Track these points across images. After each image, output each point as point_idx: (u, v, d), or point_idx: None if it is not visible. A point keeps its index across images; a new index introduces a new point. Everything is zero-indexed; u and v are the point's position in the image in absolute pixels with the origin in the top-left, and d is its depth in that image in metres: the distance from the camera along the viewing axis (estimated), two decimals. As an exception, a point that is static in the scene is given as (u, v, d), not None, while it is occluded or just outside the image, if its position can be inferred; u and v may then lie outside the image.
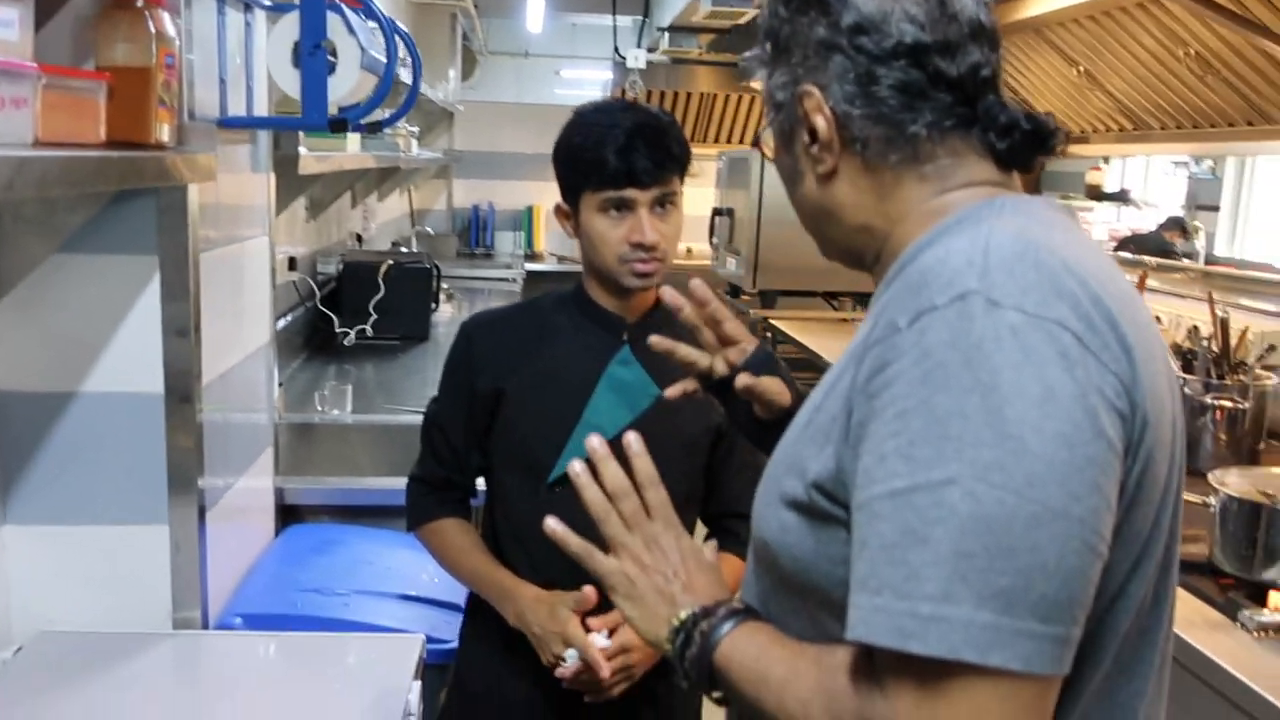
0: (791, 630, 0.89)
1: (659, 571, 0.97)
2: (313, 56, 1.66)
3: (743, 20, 4.44)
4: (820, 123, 0.91)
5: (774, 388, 1.24)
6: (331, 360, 3.43)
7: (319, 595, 1.83)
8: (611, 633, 1.49)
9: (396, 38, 1.88)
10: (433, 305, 3.86)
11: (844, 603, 0.81)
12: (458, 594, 1.71)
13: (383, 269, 3.58)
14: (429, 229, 6.65)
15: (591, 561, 0.99)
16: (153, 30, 1.46)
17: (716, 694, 0.92)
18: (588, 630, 1.49)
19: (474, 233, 7.03)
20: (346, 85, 1.71)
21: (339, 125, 1.69)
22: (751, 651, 0.87)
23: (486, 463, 1.64)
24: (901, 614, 0.71)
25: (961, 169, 0.91)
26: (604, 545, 1.02)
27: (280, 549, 2.07)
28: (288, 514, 2.24)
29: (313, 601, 1.82)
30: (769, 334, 4.79)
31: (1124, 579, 0.80)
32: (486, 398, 1.59)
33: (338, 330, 3.47)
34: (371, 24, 1.88)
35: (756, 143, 1.06)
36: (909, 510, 0.72)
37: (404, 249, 4.79)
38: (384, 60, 1.83)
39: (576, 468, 1.01)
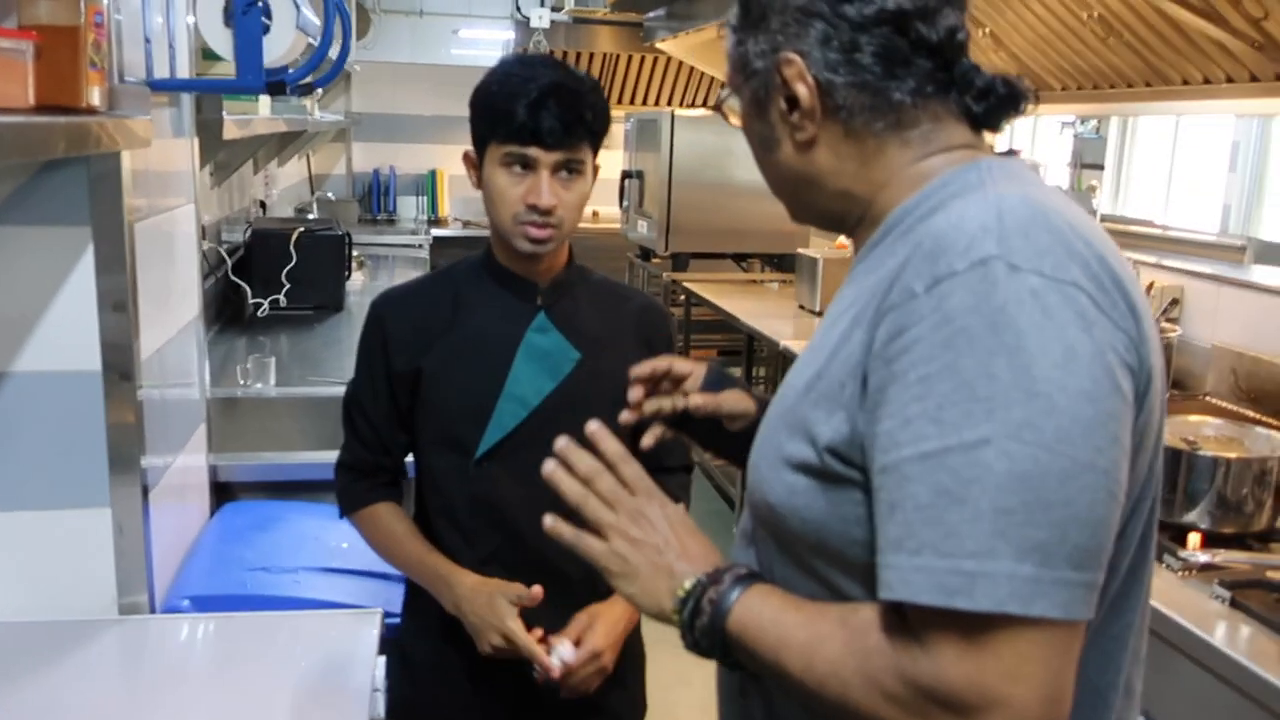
0: (800, 592, 0.90)
1: (650, 544, 0.95)
2: (246, 15, 1.59)
3: (653, -20, 4.40)
4: (802, 90, 0.91)
5: (734, 400, 1.24)
6: (245, 332, 3.32)
7: (267, 574, 1.79)
8: (578, 642, 1.49)
9: (327, -4, 1.81)
10: (346, 273, 3.77)
11: (859, 562, 0.83)
12: (406, 567, 1.69)
13: (294, 237, 3.47)
14: (330, 194, 6.47)
15: (581, 545, 0.97)
16: (80, -13, 1.38)
17: (730, 660, 0.91)
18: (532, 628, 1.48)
19: (375, 198, 6.86)
20: (282, 46, 1.64)
21: (277, 88, 1.63)
22: (767, 615, 0.87)
23: (412, 441, 1.61)
24: (944, 572, 0.73)
25: (942, 133, 0.93)
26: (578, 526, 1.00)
27: (218, 528, 2.01)
28: (220, 492, 2.17)
29: (262, 580, 1.77)
30: (682, 296, 4.82)
31: (1125, 520, 0.84)
32: (405, 378, 1.55)
33: (251, 301, 3.35)
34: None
35: (719, 107, 1.05)
36: (942, 471, 0.74)
37: (311, 215, 4.66)
38: (315, 20, 1.77)
39: (548, 467, 1.00)
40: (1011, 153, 0.97)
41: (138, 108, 1.50)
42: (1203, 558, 1.73)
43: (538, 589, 1.46)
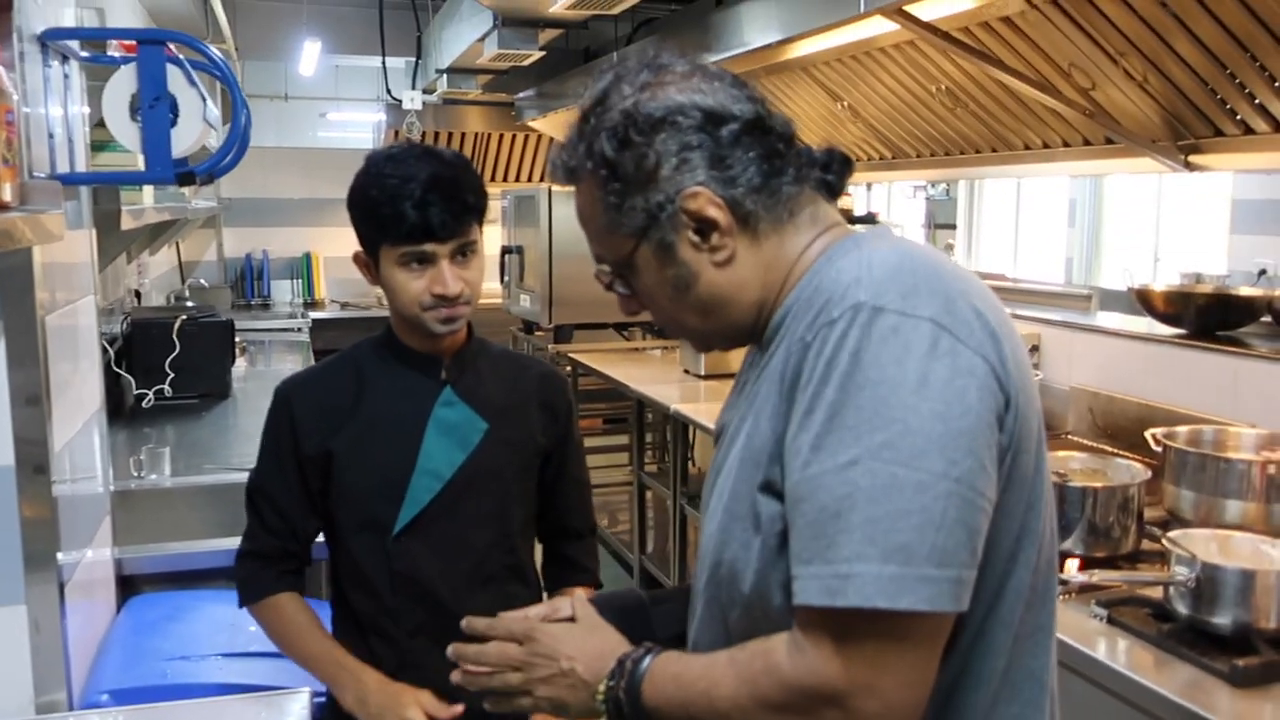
0: (741, 640, 0.99)
1: (556, 675, 1.07)
2: (153, 109, 1.62)
3: (526, 62, 4.54)
4: (715, 212, 1.00)
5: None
6: (130, 424, 3.24)
7: (186, 662, 1.76)
8: None
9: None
10: (231, 360, 3.72)
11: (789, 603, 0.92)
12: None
13: (176, 325, 3.43)
14: (202, 281, 6.35)
15: (516, 709, 1.10)
16: (-10, 87, 1.40)
17: None
18: None
19: (249, 283, 6.77)
20: (191, 137, 1.67)
21: (187, 178, 1.66)
22: (670, 682, 0.99)
23: (327, 524, 1.61)
24: (828, 577, 0.86)
25: (820, 211, 1.06)
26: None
27: (129, 622, 1.96)
28: (124, 586, 2.13)
29: (183, 669, 1.74)
30: (568, 367, 4.89)
31: (1023, 518, 0.96)
32: (315, 460, 1.56)
33: (135, 392, 3.28)
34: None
35: (610, 288, 1.10)
36: (822, 491, 0.88)
37: (190, 303, 4.58)
38: (216, 111, 1.81)
39: (456, 677, 1.13)
40: (870, 215, 1.10)
41: (50, 202, 1.51)
42: (1080, 578, 1.87)
43: (458, 708, 1.46)
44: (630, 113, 1.00)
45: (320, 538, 1.64)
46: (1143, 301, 2.91)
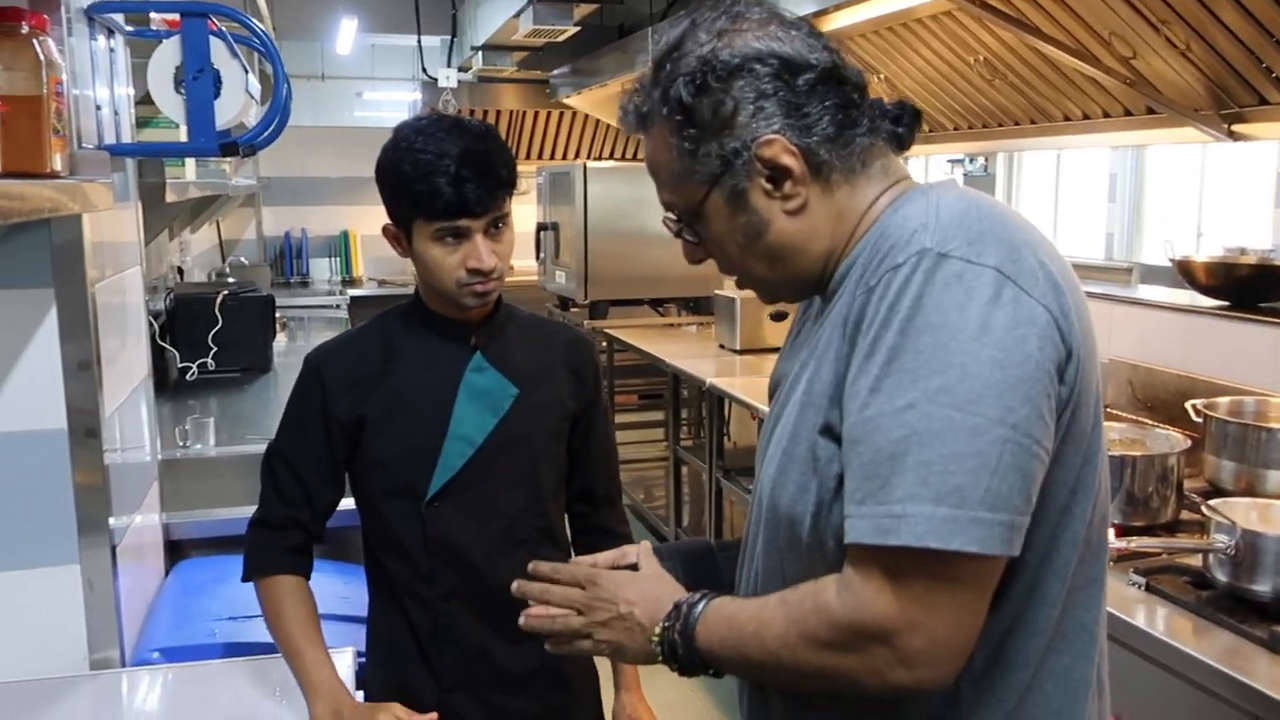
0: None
1: (616, 618, 1.08)
2: (197, 81, 1.65)
3: (560, 38, 4.55)
4: (790, 161, 1.00)
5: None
6: (175, 396, 3.31)
7: (234, 622, 1.80)
8: None
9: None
10: (272, 334, 3.78)
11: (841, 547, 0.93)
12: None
13: (219, 300, 3.48)
14: (242, 259, 6.44)
15: (576, 651, 1.11)
16: (41, 57, 1.42)
17: (712, 671, 1.04)
18: None
19: (288, 261, 6.85)
20: (234, 108, 1.70)
21: (230, 149, 1.68)
22: (723, 625, 1.00)
23: (358, 491, 1.62)
24: (880, 516, 0.88)
25: (891, 164, 1.06)
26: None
27: (177, 584, 2.01)
28: (171, 551, 2.18)
29: (230, 629, 1.79)
30: (603, 343, 4.91)
31: (1079, 471, 0.96)
32: (347, 426, 1.56)
33: (179, 365, 3.35)
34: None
35: (678, 234, 1.10)
36: (878, 433, 0.89)
37: (232, 280, 4.65)
38: (257, 84, 1.83)
39: (523, 622, 1.12)
40: None
41: (98, 172, 1.54)
42: (1119, 544, 1.86)
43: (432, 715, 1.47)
44: (708, 59, 1.00)
45: (349, 505, 1.64)
46: (1184, 273, 2.88)
